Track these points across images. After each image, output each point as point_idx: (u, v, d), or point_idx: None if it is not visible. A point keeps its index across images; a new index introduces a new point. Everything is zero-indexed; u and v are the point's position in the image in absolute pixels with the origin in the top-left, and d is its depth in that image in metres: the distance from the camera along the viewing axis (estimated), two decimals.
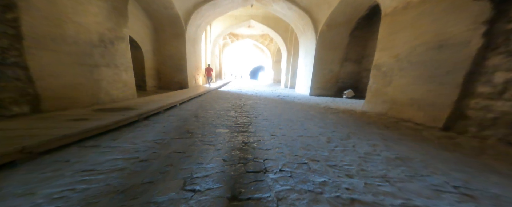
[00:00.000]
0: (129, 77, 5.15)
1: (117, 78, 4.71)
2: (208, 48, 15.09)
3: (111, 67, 4.50)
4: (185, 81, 9.43)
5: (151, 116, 4.21)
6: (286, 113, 5.35)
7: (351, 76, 9.76)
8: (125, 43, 4.91)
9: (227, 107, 5.86)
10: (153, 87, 8.99)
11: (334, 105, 6.98)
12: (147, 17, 8.10)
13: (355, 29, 9.24)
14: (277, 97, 9.03)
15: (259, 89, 13.27)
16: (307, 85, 10.62)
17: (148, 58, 8.35)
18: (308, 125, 4.01)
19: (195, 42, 10.86)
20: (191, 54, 10.10)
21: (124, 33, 4.87)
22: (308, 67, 10.69)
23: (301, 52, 12.35)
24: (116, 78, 4.67)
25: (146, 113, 3.85)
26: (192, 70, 10.31)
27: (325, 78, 9.96)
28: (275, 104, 7.06)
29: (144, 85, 8.39)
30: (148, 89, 8.47)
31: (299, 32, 12.12)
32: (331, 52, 9.76)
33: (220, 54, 21.58)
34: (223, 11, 11.65)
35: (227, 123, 3.99)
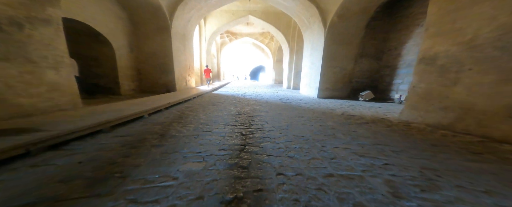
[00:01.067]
0: (62, 78, 3.69)
1: (31, 80, 3.23)
2: (203, 46, 13.70)
3: (16, 62, 3.04)
4: (172, 83, 8.04)
5: (78, 139, 2.72)
6: (295, 125, 3.89)
7: (368, 75, 8.26)
8: (52, 29, 3.44)
9: (217, 117, 4.41)
10: (131, 90, 7.63)
11: (354, 111, 5.50)
12: (120, 6, 6.68)
13: (373, 19, 7.76)
14: (280, 101, 7.57)
15: (259, 92, 11.82)
16: (314, 86, 9.14)
17: (123, 56, 6.99)
18: (335, 150, 2.55)
19: (185, 39, 9.45)
20: (179, 52, 8.68)
21: (51, 14, 3.40)
22: (315, 66, 9.21)
23: (306, 49, 10.89)
24: (28, 79, 3.19)
25: (57, 136, 2.36)
26: (181, 70, 8.90)
27: (336, 78, 8.48)
28: (278, 110, 5.61)
29: (117, 89, 6.97)
30: (124, 93, 7.14)
31: (304, 27, 10.66)
32: (343, 47, 8.28)
33: (218, 53, 20.21)
34: (217, 3, 10.23)
35: (207, 147, 2.56)
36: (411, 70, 6.39)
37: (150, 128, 3.32)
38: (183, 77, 9.12)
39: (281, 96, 9.30)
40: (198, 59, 13.38)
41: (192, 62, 10.63)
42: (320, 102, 7.32)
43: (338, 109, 5.82)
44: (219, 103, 6.66)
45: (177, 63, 8.37)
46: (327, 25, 8.34)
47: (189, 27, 9.95)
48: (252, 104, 6.75)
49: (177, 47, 8.47)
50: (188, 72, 9.82)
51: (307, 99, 8.35)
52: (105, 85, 6.86)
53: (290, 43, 14.03)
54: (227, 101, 7.27)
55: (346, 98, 8.40)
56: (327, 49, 8.44)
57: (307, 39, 10.60)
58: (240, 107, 6.14)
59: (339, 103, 7.12)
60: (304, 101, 7.59)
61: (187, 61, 9.77)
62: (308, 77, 10.21)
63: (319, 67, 8.75)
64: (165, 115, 4.37)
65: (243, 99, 7.91)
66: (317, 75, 8.87)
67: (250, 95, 9.47)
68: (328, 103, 7.17)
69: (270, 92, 11.24)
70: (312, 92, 9.35)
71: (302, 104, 7.00)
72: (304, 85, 10.67)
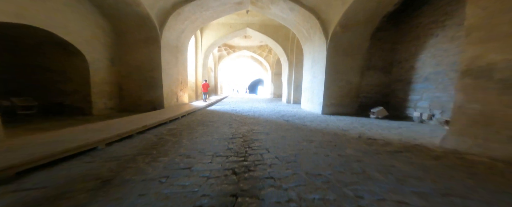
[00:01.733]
0: None
1: None
2: (199, 59, 13.11)
3: None
4: (159, 100, 7.17)
5: None
6: (305, 154, 2.97)
7: (377, 89, 7.48)
8: None
9: (204, 143, 3.46)
10: (108, 109, 6.54)
11: (371, 132, 4.58)
12: (100, 14, 5.97)
13: (379, 30, 7.19)
14: (281, 119, 6.67)
15: (257, 107, 10.95)
16: (318, 101, 8.31)
17: (100, 70, 6.12)
18: (377, 204, 1.59)
19: (177, 51, 8.78)
20: (170, 65, 7.92)
21: None
22: (318, 79, 8.48)
23: (306, 62, 10.28)
24: None
25: None
26: (172, 85, 8.06)
27: (342, 92, 7.68)
28: (281, 131, 4.69)
29: (88, 108, 5.89)
30: (98, 114, 6.07)
31: (303, 38, 10.16)
32: (348, 59, 7.62)
33: (216, 67, 19.70)
34: (213, 15, 9.78)
35: (175, 201, 1.59)
36: (430, 85, 5.63)
37: (95, 168, 2.31)
38: (174, 93, 8.26)
39: (282, 113, 8.41)
40: (194, 72, 12.69)
41: (186, 76, 9.87)
42: (326, 120, 6.42)
43: (352, 130, 4.90)
44: (211, 123, 5.72)
45: (167, 77, 7.55)
46: (329, 36, 7.77)
47: (183, 39, 9.34)
48: (250, 123, 5.83)
49: (168, 60, 7.73)
50: (180, 87, 9.00)
51: (311, 116, 7.46)
52: (73, 105, 5.85)
53: (289, 56, 13.53)
54: (222, 119, 6.34)
55: (354, 115, 7.52)
56: (330, 61, 7.77)
57: (307, 51, 10.03)
58: (235, 127, 5.21)
59: (349, 121, 6.22)
60: (308, 119, 6.70)
61: (180, 75, 9.00)
62: (309, 92, 9.44)
63: (322, 80, 8.00)
64: (133, 143, 3.37)
65: (240, 117, 6.99)
66: (320, 90, 8.08)
67: (247, 112, 8.57)
68: (336, 121, 6.27)
69: (270, 108, 10.38)
70: (316, 108, 8.49)
71: (306, 122, 6.09)
72: (306, 100, 9.86)
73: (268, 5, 9.30)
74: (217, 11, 9.55)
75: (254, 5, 9.68)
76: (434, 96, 5.41)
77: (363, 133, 4.46)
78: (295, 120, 6.55)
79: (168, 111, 6.67)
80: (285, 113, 8.35)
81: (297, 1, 8.17)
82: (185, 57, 9.84)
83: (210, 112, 8.33)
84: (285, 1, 8.33)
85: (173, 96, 8.13)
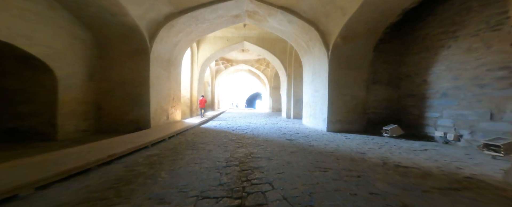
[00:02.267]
0: None
1: None
2: (194, 74, 12.58)
3: None
4: (145, 119, 6.33)
5: None
6: (323, 191, 2.19)
7: (386, 105, 6.82)
8: None
9: (188, 176, 2.65)
10: (79, 132, 5.40)
11: (396, 157, 3.80)
12: (80, 25, 5.36)
13: (382, 42, 6.77)
14: (283, 138, 5.89)
15: (256, 123, 10.17)
16: (321, 117, 7.59)
17: (73, 87, 5.25)
18: None
19: (170, 65, 8.19)
20: (161, 80, 7.25)
21: None
22: (320, 93, 7.87)
23: (306, 75, 9.78)
24: None
25: None
26: (162, 101, 7.29)
27: (347, 108, 7.00)
28: (285, 155, 3.89)
29: (53, 133, 4.84)
30: (66, 138, 5.01)
31: (302, 51, 9.77)
32: (352, 72, 7.08)
33: (213, 81, 19.20)
34: (210, 28, 9.42)
35: None
36: (450, 101, 5.00)
37: None
38: (164, 110, 7.46)
39: (283, 130, 7.63)
40: (189, 87, 12.07)
41: (179, 92, 9.18)
42: (334, 139, 5.65)
43: (370, 152, 4.12)
44: (203, 145, 4.88)
45: (156, 93, 6.81)
46: (330, 48, 7.32)
47: (177, 52, 8.83)
48: (249, 144, 5.02)
49: (158, 75, 7.08)
50: (172, 103, 8.24)
51: (315, 134, 6.69)
52: (33, 130, 4.80)
53: (287, 69, 13.12)
54: (216, 140, 5.52)
55: (362, 132, 6.75)
56: (332, 74, 7.22)
57: (307, 64, 9.58)
58: (231, 149, 4.39)
59: (361, 140, 5.44)
60: (313, 137, 5.92)
61: (172, 91, 8.30)
62: (311, 107, 8.77)
63: (325, 95, 7.38)
64: (86, 182, 2.46)
65: (237, 136, 6.18)
66: (323, 105, 7.42)
67: (245, 129, 7.77)
68: (346, 140, 5.49)
69: (269, 124, 9.61)
70: (320, 125, 7.74)
71: (312, 142, 5.31)
72: (308, 115, 9.15)
73: (266, 18, 9.01)
74: (214, 24, 9.22)
75: (252, 18, 9.41)
76: (458, 114, 4.76)
77: (386, 158, 3.68)
78: (299, 139, 5.76)
79: (154, 131, 5.84)
80: (286, 130, 7.56)
81: (296, 13, 7.86)
82: (179, 72, 9.25)
83: (204, 130, 7.50)
84: (283, 13, 8.03)
85: (162, 113, 7.32)
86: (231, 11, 8.51)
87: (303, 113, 9.87)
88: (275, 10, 7.96)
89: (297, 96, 12.64)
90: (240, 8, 8.37)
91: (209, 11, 7.89)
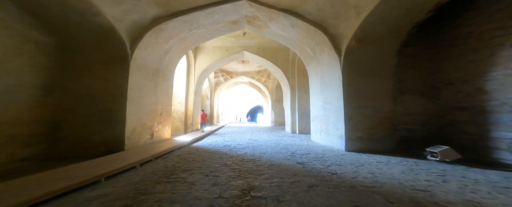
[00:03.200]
0: None
1: None
2: (191, 86, 11.52)
3: None
4: (118, 139, 5.00)
5: None
6: None
7: (423, 120, 5.37)
8: None
9: None
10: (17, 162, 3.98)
11: (489, 201, 2.39)
12: (37, 25, 4.28)
13: (407, 44, 5.62)
14: (293, 161, 4.52)
15: (258, 140, 8.80)
16: (336, 134, 6.25)
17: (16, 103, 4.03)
18: None
19: (158, 75, 7.11)
20: (144, 92, 6.09)
21: None
22: (333, 106, 6.61)
23: (313, 85, 8.61)
24: None
25: None
26: (145, 117, 6.01)
27: (371, 123, 5.67)
28: (301, 193, 2.54)
29: None
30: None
31: (308, 58, 8.71)
32: (373, 80, 5.88)
33: (212, 94, 18.13)
34: (206, 35, 8.49)
35: None
36: None
37: None
38: (146, 128, 6.15)
39: (290, 148, 6.26)
40: (184, 101, 10.93)
41: (169, 106, 7.99)
42: (362, 163, 4.26)
43: (437, 190, 2.71)
44: (184, 175, 3.53)
45: (136, 108, 5.57)
46: (343, 53, 6.21)
47: (167, 61, 7.79)
48: (248, 171, 3.68)
49: (141, 86, 5.93)
50: (159, 119, 7.00)
51: (332, 154, 5.31)
52: None
53: (291, 80, 12.02)
54: (205, 165, 4.18)
55: (394, 153, 5.30)
56: (347, 83, 6.02)
57: (314, 72, 8.45)
58: (223, 182, 3.06)
59: (403, 166, 4.02)
60: (332, 160, 4.53)
61: (159, 105, 7.11)
62: (322, 121, 7.45)
63: (339, 107, 6.11)
64: None
65: (234, 158, 4.83)
66: (339, 119, 6.11)
67: (245, 148, 6.41)
68: (379, 165, 4.10)
69: (273, 141, 8.23)
70: (335, 142, 6.36)
71: (333, 167, 3.94)
72: (318, 131, 7.79)
73: (266, 23, 8.08)
74: (210, 30, 8.29)
75: (251, 24, 8.50)
76: None
77: (477, 203, 2.27)
78: (314, 162, 4.40)
79: (127, 154, 4.53)
80: (294, 149, 6.19)
81: (300, 16, 6.89)
82: (170, 83, 8.14)
83: (195, 150, 6.15)
84: (286, 17, 7.07)
85: (144, 132, 6.03)
86: (228, 16, 7.59)
87: (311, 128, 8.53)
88: (277, 14, 7.01)
89: (303, 109, 11.36)
90: (238, 13, 7.46)
91: (204, 15, 6.97)
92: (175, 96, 10.86)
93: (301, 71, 11.69)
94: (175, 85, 10.92)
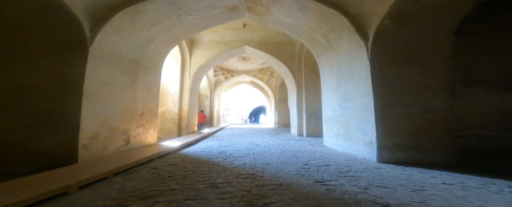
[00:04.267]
0: None
1: None
2: (185, 84, 10.10)
3: None
4: (68, 148, 3.51)
5: None
6: None
7: (507, 123, 3.57)
8: None
9: None
10: None
11: None
12: None
13: (471, 20, 3.97)
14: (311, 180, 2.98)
15: (260, 144, 7.29)
16: (362, 139, 4.69)
17: None
18: None
19: (138, 68, 5.67)
20: (115, 88, 4.60)
21: None
22: (355, 104, 5.06)
23: (326, 80, 7.07)
24: None
25: None
26: (115, 119, 4.48)
27: (414, 126, 4.07)
28: None
29: None
30: None
31: (319, 48, 7.18)
32: (415, 69, 4.30)
33: (212, 94, 16.70)
34: (200, 24, 7.06)
35: None
36: None
37: None
38: (119, 132, 4.63)
39: (301, 157, 4.71)
40: (178, 100, 9.51)
41: (155, 105, 6.54)
42: (422, 186, 2.69)
43: None
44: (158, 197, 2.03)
45: (100, 107, 4.05)
46: (371, 36, 4.67)
47: (152, 53, 6.36)
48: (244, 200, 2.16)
49: (111, 79, 4.48)
50: (140, 121, 5.55)
51: (360, 166, 3.75)
52: None
53: (297, 76, 10.49)
54: (182, 187, 2.69)
55: (455, 168, 3.65)
56: (379, 74, 4.47)
57: (327, 65, 6.91)
58: None
59: (499, 196, 2.46)
60: (368, 179, 2.97)
61: (140, 104, 5.65)
62: (339, 123, 5.89)
63: (367, 105, 4.56)
64: None
65: (227, 173, 3.34)
66: (366, 120, 4.55)
67: (244, 156, 4.89)
68: (459, 193, 2.52)
69: (278, 146, 6.70)
70: (359, 150, 4.79)
71: (375, 191, 2.41)
72: (334, 134, 6.23)
73: (270, 9, 6.60)
74: (204, 18, 6.85)
75: (252, 11, 7.04)
76: None
77: None
78: (341, 180, 2.89)
79: (73, 170, 3.08)
80: (307, 157, 4.65)
81: None
82: (156, 78, 6.70)
83: (180, 159, 4.65)
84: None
85: (114, 137, 4.55)
86: (224, 0, 6.18)
87: (324, 131, 6.97)
88: None
89: (311, 109, 9.81)
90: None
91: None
92: (167, 95, 9.45)
93: (309, 67, 10.17)
94: (168, 83, 9.50)
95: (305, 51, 9.92)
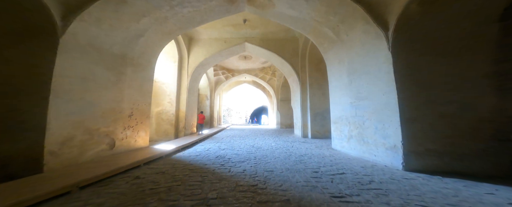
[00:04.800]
0: None
1: None
2: (183, 83, 9.44)
3: None
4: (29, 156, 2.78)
5: None
6: None
7: None
8: None
9: None
10: None
11: None
12: None
13: None
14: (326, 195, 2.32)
15: (262, 147, 6.58)
16: (383, 142, 3.96)
17: None
18: None
19: (125, 64, 5.00)
20: (95, 85, 3.93)
21: None
22: (372, 102, 4.34)
23: (335, 77, 6.35)
24: None
25: None
26: (95, 120, 3.72)
27: (452, 128, 3.32)
28: None
29: None
30: None
31: (327, 43, 6.46)
32: (450, 61, 3.56)
33: (212, 94, 16.04)
34: (196, 17, 6.41)
35: None
36: None
37: None
38: (99, 135, 3.97)
39: (309, 163, 3.98)
40: (175, 100, 8.85)
41: (147, 105, 5.87)
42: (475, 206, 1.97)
43: None
44: None
45: (75, 107, 3.38)
46: (393, 24, 3.94)
47: (142, 47, 5.70)
48: None
49: (89, 75, 3.83)
50: (128, 122, 4.88)
51: (384, 176, 3.02)
52: None
53: (301, 74, 9.77)
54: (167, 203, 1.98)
55: (503, 179, 2.93)
56: (404, 67, 3.74)
57: (336, 60, 6.19)
58: None
59: None
60: (400, 195, 2.24)
61: (127, 103, 4.98)
62: (351, 124, 5.15)
63: (388, 104, 3.83)
64: None
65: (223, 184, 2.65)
66: (387, 121, 3.82)
67: (244, 162, 4.18)
68: None
69: (282, 149, 5.97)
70: (378, 155, 4.06)
71: None
72: (344, 136, 5.49)
73: (272, 0, 5.93)
74: (200, 11, 6.19)
75: (252, 3, 6.37)
76: None
77: None
78: (365, 195, 2.24)
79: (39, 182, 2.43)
80: (316, 163, 3.92)
81: None
82: (148, 76, 6.03)
83: (171, 165, 3.95)
84: None
85: (94, 141, 3.88)
86: None
87: (332, 133, 6.24)
88: None
89: (316, 109, 9.08)
90: None
91: None
92: (163, 94, 8.80)
93: (313, 64, 9.46)
94: (164, 82, 8.85)
95: (310, 47, 9.21)
